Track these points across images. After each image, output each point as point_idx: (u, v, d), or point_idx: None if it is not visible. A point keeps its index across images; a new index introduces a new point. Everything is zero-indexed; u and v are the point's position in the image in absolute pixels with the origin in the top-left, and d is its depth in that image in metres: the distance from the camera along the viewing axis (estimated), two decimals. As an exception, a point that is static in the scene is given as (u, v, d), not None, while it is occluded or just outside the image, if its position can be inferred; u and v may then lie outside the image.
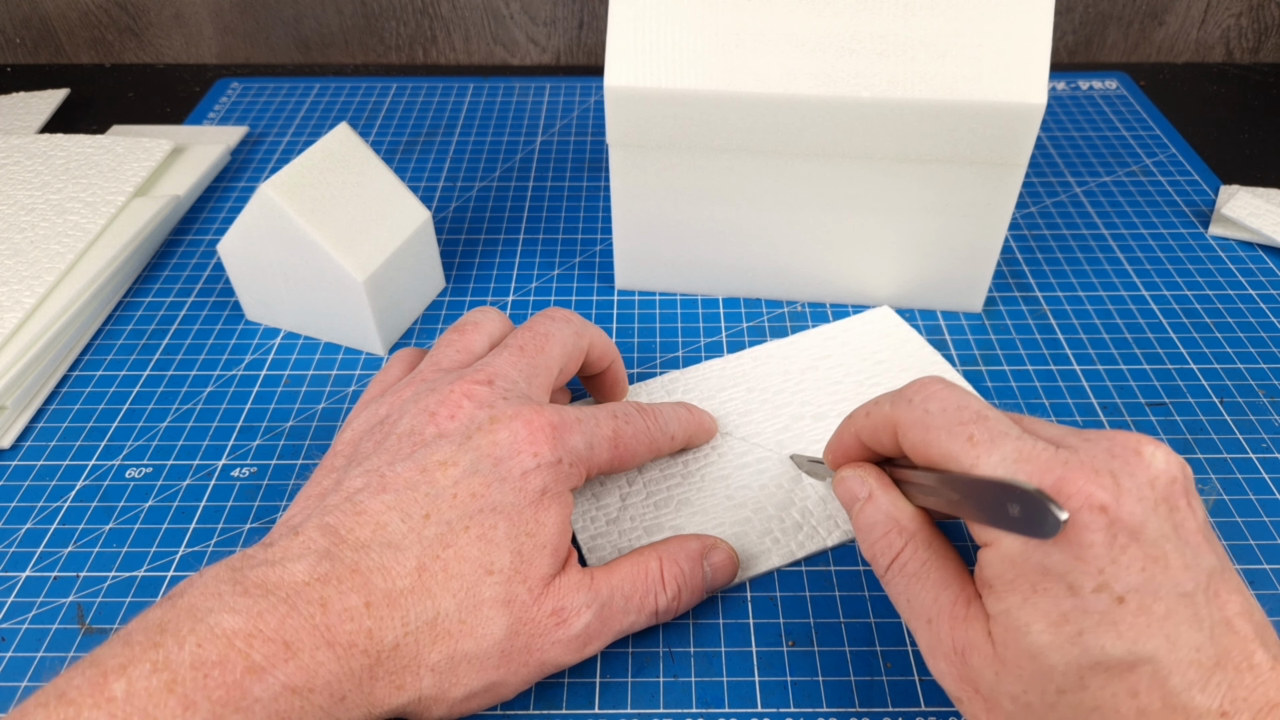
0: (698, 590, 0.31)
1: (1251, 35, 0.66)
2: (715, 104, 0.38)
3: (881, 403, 0.27)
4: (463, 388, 0.29)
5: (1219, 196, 0.52)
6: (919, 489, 0.27)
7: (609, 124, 0.39)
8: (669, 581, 0.30)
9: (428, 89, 0.64)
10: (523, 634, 0.27)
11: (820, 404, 0.38)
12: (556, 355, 0.32)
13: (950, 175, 0.39)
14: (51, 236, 0.45)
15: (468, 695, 0.26)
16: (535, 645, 0.27)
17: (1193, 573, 0.22)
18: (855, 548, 0.34)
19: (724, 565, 0.31)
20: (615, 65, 0.38)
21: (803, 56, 0.37)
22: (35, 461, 0.38)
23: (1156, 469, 0.23)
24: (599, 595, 0.28)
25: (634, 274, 0.45)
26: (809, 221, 0.42)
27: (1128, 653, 0.21)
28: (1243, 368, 0.41)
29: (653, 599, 0.29)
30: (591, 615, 0.28)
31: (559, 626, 0.27)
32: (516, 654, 0.27)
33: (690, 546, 0.31)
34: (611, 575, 0.29)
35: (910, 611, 0.26)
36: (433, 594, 0.26)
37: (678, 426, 0.34)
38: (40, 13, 0.67)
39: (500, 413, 0.29)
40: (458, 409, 0.29)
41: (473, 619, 0.26)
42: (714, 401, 0.38)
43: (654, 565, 0.30)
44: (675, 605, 0.30)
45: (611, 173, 0.41)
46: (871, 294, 0.44)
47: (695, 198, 0.41)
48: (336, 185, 0.40)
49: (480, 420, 0.28)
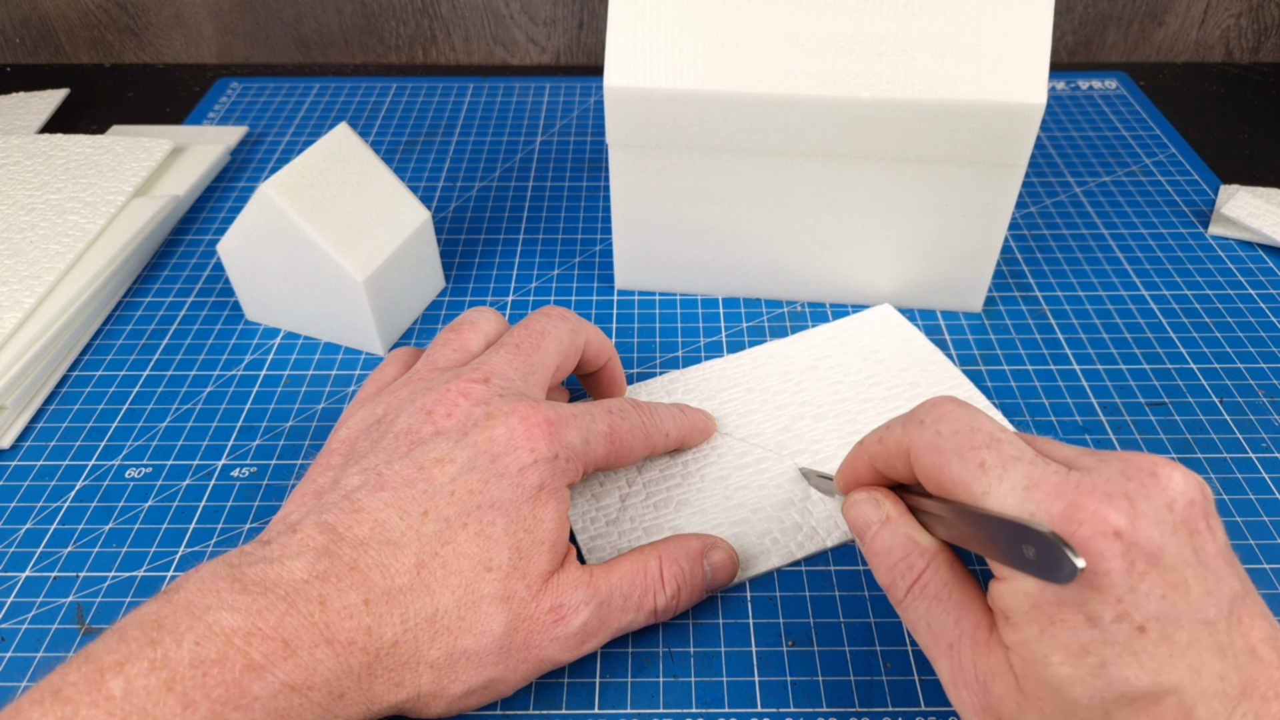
0: (697, 590, 0.31)
1: (1251, 35, 0.66)
2: (715, 104, 0.38)
3: (894, 426, 0.27)
4: (459, 386, 0.29)
5: (1219, 196, 0.52)
6: (933, 519, 0.26)
7: (609, 124, 0.39)
8: (668, 581, 0.30)
9: (428, 89, 0.64)
10: (521, 630, 0.27)
11: (820, 404, 0.38)
12: (552, 353, 0.32)
13: (950, 175, 0.39)
14: (51, 236, 0.45)
15: (466, 692, 0.26)
16: (534, 642, 0.27)
17: (1215, 598, 0.21)
18: (855, 548, 0.34)
19: (724, 565, 0.31)
20: (615, 65, 0.38)
21: (803, 56, 0.37)
22: (35, 461, 0.38)
23: (1174, 491, 0.22)
24: (598, 593, 0.28)
25: (634, 274, 0.45)
26: (809, 221, 0.42)
27: (1152, 684, 0.21)
28: (1242, 368, 0.41)
29: (651, 598, 0.29)
30: (590, 613, 0.28)
31: (557, 623, 0.27)
32: (515, 650, 0.27)
33: (690, 546, 0.31)
34: (610, 574, 0.29)
35: (931, 637, 0.25)
36: (431, 591, 0.26)
37: (673, 424, 0.34)
38: (40, 13, 0.67)
39: (497, 409, 0.29)
40: (454, 407, 0.29)
41: (472, 615, 0.26)
42: (714, 402, 0.38)
43: (653, 564, 0.30)
44: (674, 604, 0.30)
45: (611, 173, 0.41)
46: (871, 294, 0.44)
47: (695, 198, 0.41)
48: (336, 185, 0.40)
49: (477, 417, 0.29)
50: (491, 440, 0.28)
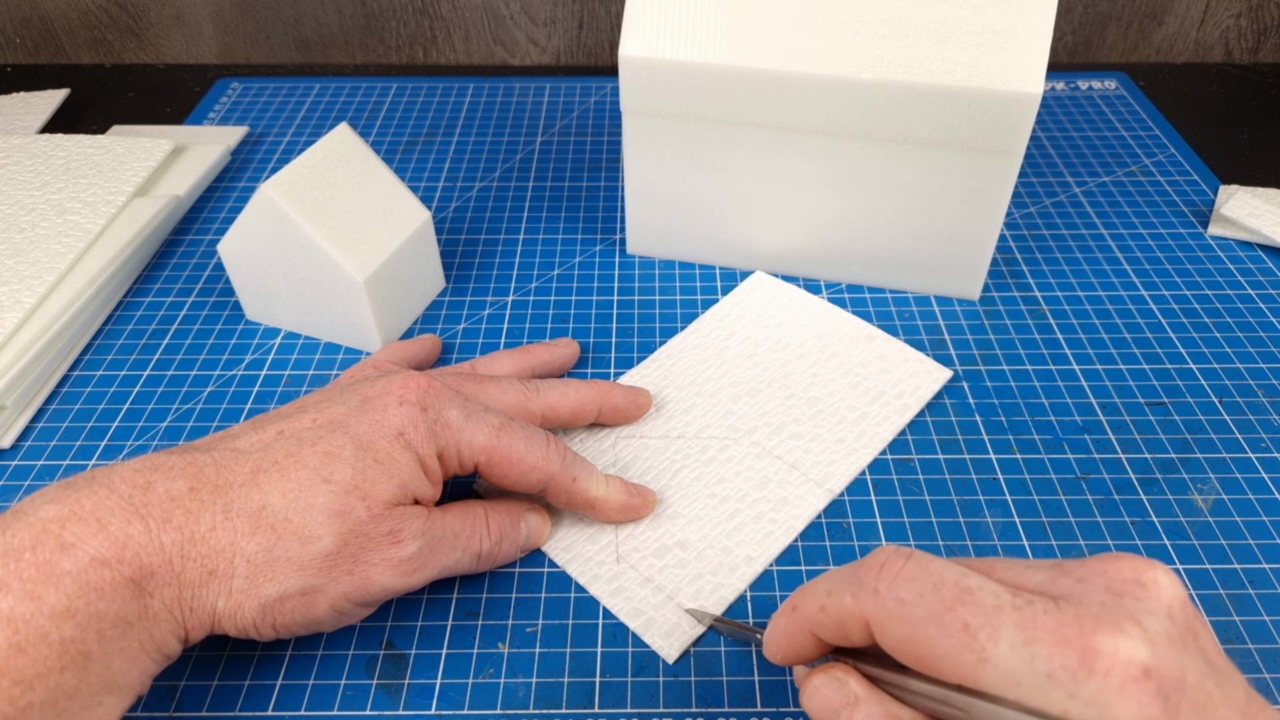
0: (515, 543, 0.32)
1: (1251, 35, 0.66)
2: (721, 77, 0.39)
3: (839, 595, 0.23)
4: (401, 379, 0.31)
5: (1218, 196, 0.52)
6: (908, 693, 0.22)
7: (623, 92, 0.41)
8: (493, 528, 0.32)
9: (428, 89, 0.64)
10: (353, 545, 0.27)
11: (750, 380, 0.40)
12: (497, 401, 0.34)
13: (948, 160, 0.40)
14: (52, 236, 0.45)
15: (281, 595, 0.27)
16: (363, 558, 0.28)
17: (1233, 703, 0.20)
18: (854, 548, 0.34)
19: (539, 528, 0.33)
20: (630, 37, 0.40)
21: (808, 36, 0.38)
22: (35, 461, 0.38)
23: (1167, 595, 0.21)
24: (433, 526, 0.29)
25: (643, 240, 0.47)
26: (810, 198, 0.43)
27: None
28: (1242, 368, 0.41)
29: (477, 541, 0.31)
30: (425, 542, 0.29)
31: (392, 546, 0.28)
32: (342, 562, 0.27)
33: (511, 504, 0.33)
34: (445, 514, 0.30)
35: None
36: (262, 489, 0.27)
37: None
38: (40, 13, 0.67)
39: (393, 372, 0.31)
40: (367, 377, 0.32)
41: (301, 520, 0.27)
42: (658, 415, 0.39)
43: (480, 512, 0.32)
44: (496, 551, 0.32)
45: (624, 139, 0.43)
46: (869, 274, 0.45)
47: (702, 167, 0.43)
48: (337, 185, 0.40)
49: (370, 377, 0.31)
50: (369, 387, 0.30)
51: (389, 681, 0.30)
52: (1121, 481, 0.36)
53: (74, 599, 0.24)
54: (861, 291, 0.45)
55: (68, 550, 0.24)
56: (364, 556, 0.28)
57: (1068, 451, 0.37)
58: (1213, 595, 0.32)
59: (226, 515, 0.26)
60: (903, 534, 0.34)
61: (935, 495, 0.36)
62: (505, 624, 0.32)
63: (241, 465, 0.27)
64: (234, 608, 0.26)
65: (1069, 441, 0.38)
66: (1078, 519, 0.35)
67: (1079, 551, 0.34)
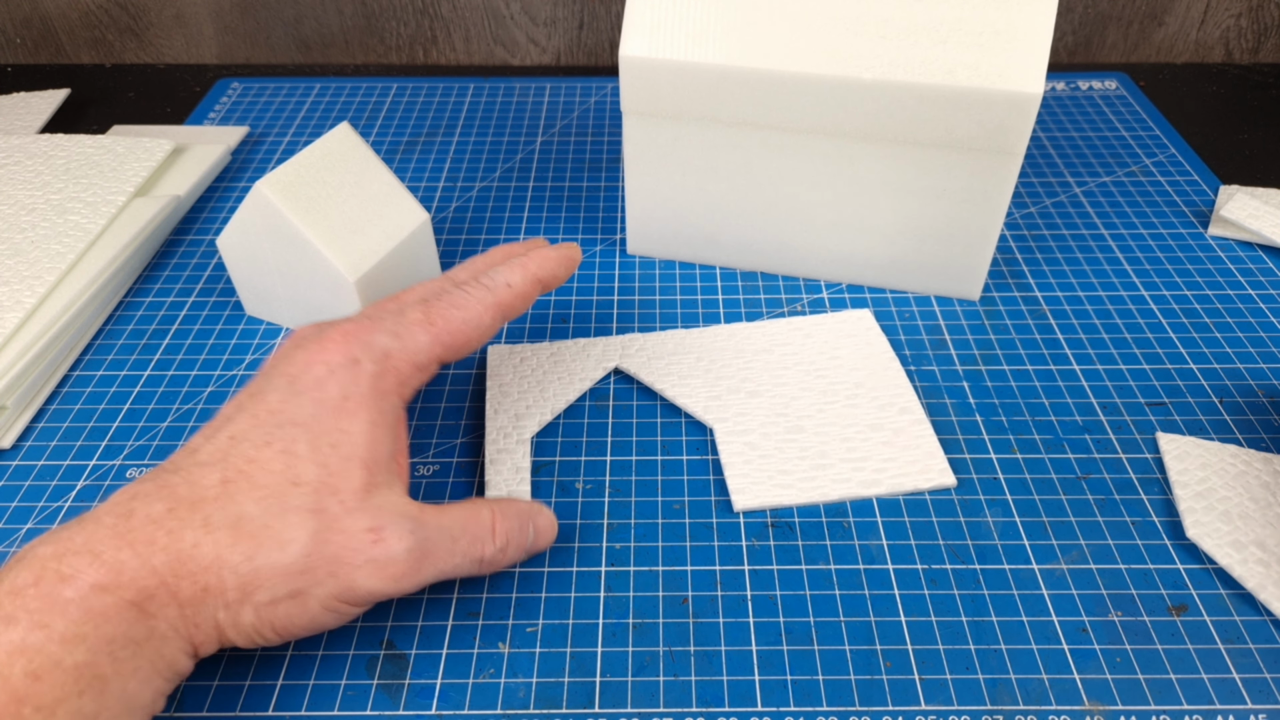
0: (521, 548, 0.31)
1: (1251, 36, 0.66)
2: (722, 77, 0.39)
3: None
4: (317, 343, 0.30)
5: (1218, 197, 0.52)
6: None
7: (623, 91, 0.41)
8: (499, 533, 0.30)
9: (428, 89, 0.64)
10: (332, 544, 0.27)
11: (760, 383, 0.39)
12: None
13: (948, 160, 0.39)
14: (52, 236, 0.45)
15: (272, 599, 0.27)
16: (345, 559, 0.27)
17: None
18: (854, 548, 0.34)
19: (545, 530, 0.32)
20: (631, 37, 0.40)
21: (808, 36, 0.38)
22: (35, 461, 0.38)
23: None
24: (423, 526, 0.28)
25: (643, 240, 0.47)
26: (810, 199, 0.43)
27: None
28: (1242, 368, 0.41)
29: (481, 546, 0.30)
30: (413, 543, 0.28)
31: (375, 544, 0.27)
32: (324, 564, 0.27)
33: (520, 507, 0.32)
34: (442, 515, 0.29)
35: None
36: (236, 500, 0.27)
37: (515, 274, 0.33)
38: (40, 13, 0.67)
39: (308, 337, 0.30)
40: None
41: (279, 524, 0.27)
42: (659, 363, 0.40)
43: (486, 514, 0.30)
44: (501, 558, 0.31)
45: (625, 139, 0.43)
46: (870, 275, 0.45)
47: (702, 168, 0.43)
48: (334, 184, 0.40)
49: (286, 350, 0.30)
50: (290, 363, 0.30)
51: (389, 681, 0.30)
52: (1121, 481, 0.36)
53: (81, 624, 0.24)
54: (862, 291, 0.45)
55: (68, 581, 0.24)
56: (345, 557, 0.27)
57: (1068, 451, 0.37)
58: (1213, 595, 0.32)
59: (207, 529, 0.26)
60: (903, 533, 0.34)
61: (935, 495, 0.36)
62: (505, 624, 0.32)
63: (209, 477, 0.27)
64: (233, 618, 0.26)
65: (1069, 441, 0.38)
66: (1078, 519, 0.35)
67: (1079, 551, 0.34)
